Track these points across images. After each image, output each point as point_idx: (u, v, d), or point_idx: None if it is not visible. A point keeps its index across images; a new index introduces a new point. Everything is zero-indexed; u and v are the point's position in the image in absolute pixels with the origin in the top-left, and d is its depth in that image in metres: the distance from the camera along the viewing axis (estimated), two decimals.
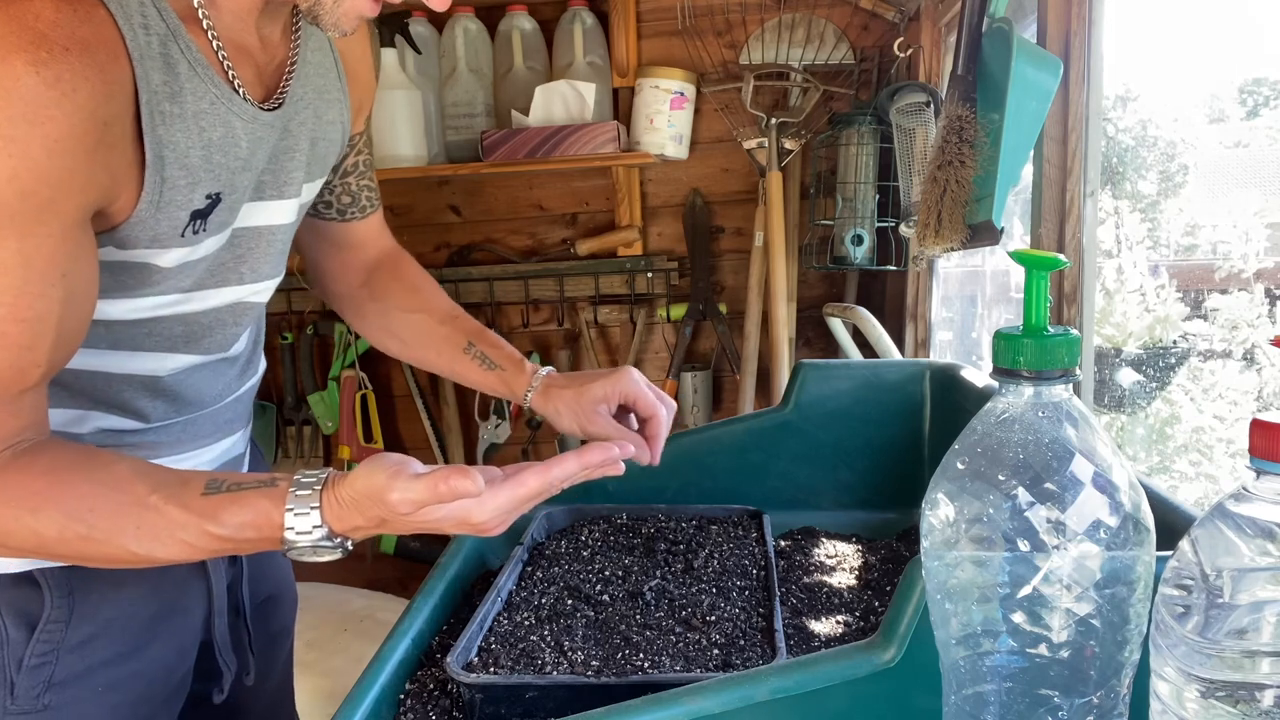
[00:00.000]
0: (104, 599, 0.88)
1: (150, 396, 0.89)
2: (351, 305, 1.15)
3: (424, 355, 1.13)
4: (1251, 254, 4.12)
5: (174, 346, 0.88)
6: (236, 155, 0.81)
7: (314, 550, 0.73)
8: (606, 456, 0.77)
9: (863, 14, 2.21)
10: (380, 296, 1.13)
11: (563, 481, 0.75)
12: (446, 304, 1.13)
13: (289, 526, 0.71)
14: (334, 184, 1.07)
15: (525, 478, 0.73)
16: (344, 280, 1.14)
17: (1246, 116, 7.78)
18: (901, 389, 1.24)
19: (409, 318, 1.11)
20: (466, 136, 2.21)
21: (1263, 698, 0.44)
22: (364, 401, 2.43)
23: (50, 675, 0.85)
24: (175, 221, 0.78)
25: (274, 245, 0.92)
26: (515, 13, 2.22)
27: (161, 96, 0.74)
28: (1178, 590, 0.46)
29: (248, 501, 0.71)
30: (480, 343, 1.08)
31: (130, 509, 0.70)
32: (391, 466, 0.71)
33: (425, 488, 0.69)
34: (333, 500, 0.72)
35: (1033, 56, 1.14)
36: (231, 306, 0.91)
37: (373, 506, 0.71)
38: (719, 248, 2.38)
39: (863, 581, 0.99)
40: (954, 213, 1.19)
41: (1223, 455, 3.39)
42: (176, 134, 0.75)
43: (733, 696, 0.63)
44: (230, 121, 0.79)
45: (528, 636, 0.83)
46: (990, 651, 0.52)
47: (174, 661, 0.95)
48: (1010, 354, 0.50)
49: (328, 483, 0.72)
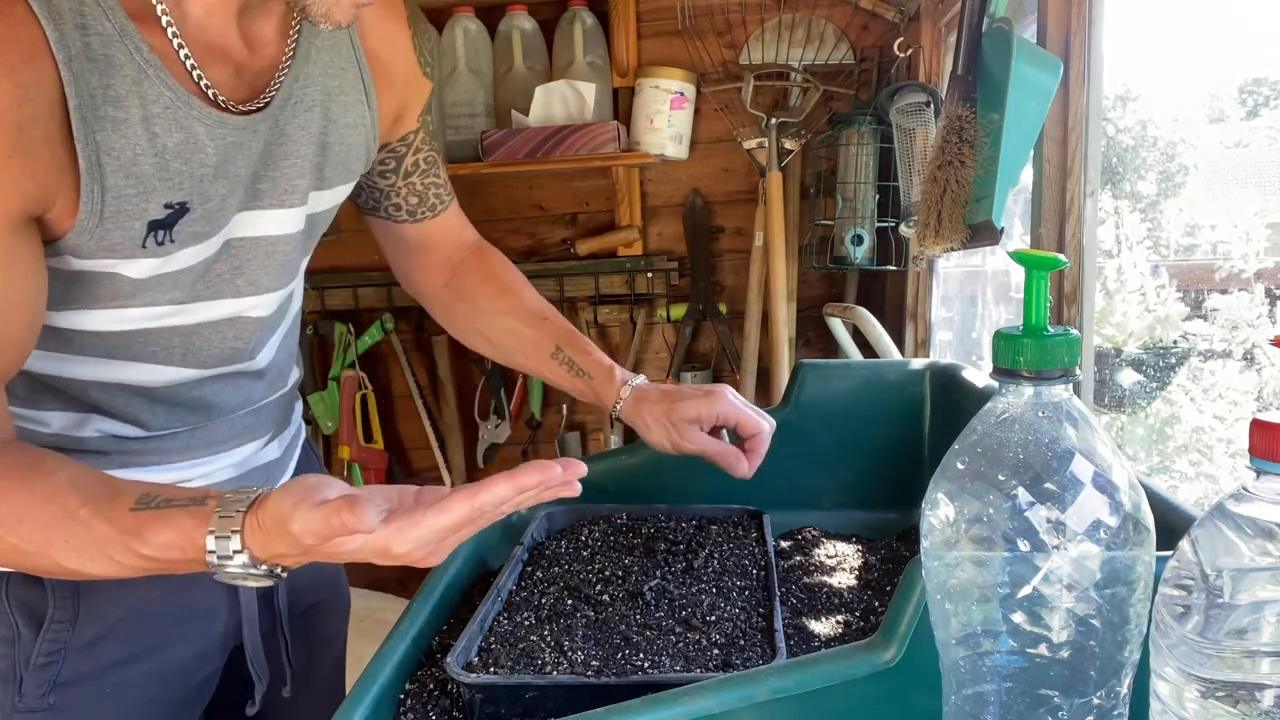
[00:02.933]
0: (113, 599, 0.87)
1: (149, 404, 0.87)
2: (438, 305, 1.13)
3: (513, 358, 1.11)
4: (1251, 254, 4.12)
5: (170, 358, 0.86)
6: (202, 162, 0.76)
7: (244, 575, 0.68)
8: (544, 477, 0.67)
9: (863, 14, 2.21)
10: (467, 297, 1.10)
11: (496, 506, 0.66)
12: (537, 304, 1.10)
13: (211, 550, 0.67)
14: (398, 186, 1.04)
15: (450, 504, 0.65)
16: (428, 280, 1.12)
17: (1246, 116, 7.78)
18: (901, 389, 1.24)
19: (497, 321, 1.09)
20: (466, 136, 2.21)
21: (1263, 698, 0.44)
22: (364, 401, 2.43)
23: (56, 675, 0.85)
24: (130, 232, 0.74)
25: (275, 257, 0.88)
26: (515, 13, 2.22)
27: (100, 100, 0.70)
28: (1178, 590, 0.46)
29: (172, 521, 0.67)
30: (569, 348, 1.06)
31: (61, 522, 0.67)
32: (299, 493, 0.65)
33: (321, 519, 0.63)
34: (255, 525, 0.66)
35: (1033, 56, 1.14)
36: (230, 320, 0.88)
37: (287, 536, 0.65)
38: (719, 248, 2.38)
39: (863, 581, 0.99)
40: (954, 213, 1.19)
41: (1223, 455, 3.38)
42: (119, 140, 0.71)
43: (733, 696, 0.63)
44: (189, 126, 0.75)
45: (528, 636, 0.83)
46: (990, 651, 0.52)
47: (193, 665, 0.94)
48: (1010, 354, 0.50)
49: (254, 505, 0.67)
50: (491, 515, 0.67)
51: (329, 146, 0.89)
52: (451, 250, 1.11)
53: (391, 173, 1.03)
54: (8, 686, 0.84)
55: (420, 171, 1.05)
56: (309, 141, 0.86)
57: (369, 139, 0.94)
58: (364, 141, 0.93)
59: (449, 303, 1.11)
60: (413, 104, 1.01)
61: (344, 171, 0.93)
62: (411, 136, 1.03)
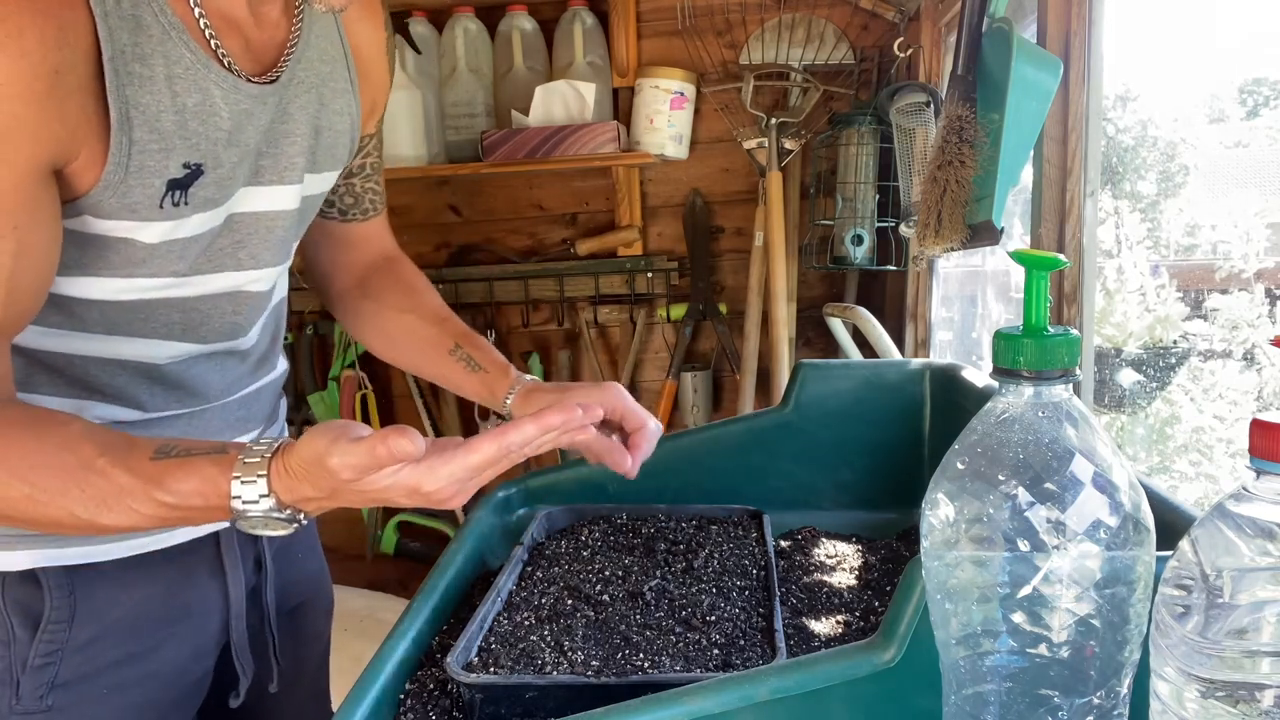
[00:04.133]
0: (111, 600, 0.87)
1: (148, 384, 0.87)
2: (346, 304, 1.13)
3: (410, 357, 1.10)
4: (1252, 254, 4.12)
5: (170, 333, 0.87)
6: (217, 125, 0.79)
7: (265, 522, 0.69)
8: (568, 418, 0.69)
9: (863, 14, 2.21)
10: (374, 295, 1.11)
11: (521, 447, 0.69)
12: (438, 306, 1.11)
13: (235, 495, 0.68)
14: (339, 184, 1.06)
15: (479, 443, 0.68)
16: (340, 279, 1.13)
17: (1246, 116, 7.77)
18: (901, 389, 1.24)
19: (400, 318, 1.09)
20: (466, 136, 2.21)
21: (1263, 698, 0.44)
22: (364, 401, 2.43)
23: (54, 676, 0.85)
24: (150, 190, 0.76)
25: (275, 232, 0.91)
26: (515, 13, 2.22)
27: (130, 57, 0.72)
28: (1178, 590, 0.46)
29: (195, 468, 0.68)
30: (466, 345, 1.05)
31: (76, 471, 0.67)
32: (333, 431, 0.67)
33: (364, 451, 0.64)
34: (281, 469, 0.68)
35: (1033, 56, 1.14)
36: (231, 294, 0.90)
37: (319, 475, 0.67)
38: (719, 248, 2.38)
39: (863, 581, 0.99)
40: (954, 213, 1.19)
41: (1223, 455, 3.39)
42: (146, 96, 0.73)
43: (733, 696, 0.63)
44: (207, 89, 0.77)
45: (528, 636, 0.83)
46: (990, 651, 0.52)
47: (188, 664, 0.94)
48: (1010, 354, 0.50)
49: (278, 451, 0.69)
50: (517, 455, 0.70)
51: (321, 130, 0.91)
52: (371, 254, 1.13)
53: None
54: (5, 688, 0.84)
55: (364, 175, 1.07)
56: (306, 122, 0.89)
57: (353, 129, 0.96)
58: (349, 130, 0.96)
59: (356, 300, 1.12)
60: (380, 106, 1.04)
61: (332, 158, 0.95)
62: (367, 140, 1.05)
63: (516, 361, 2.42)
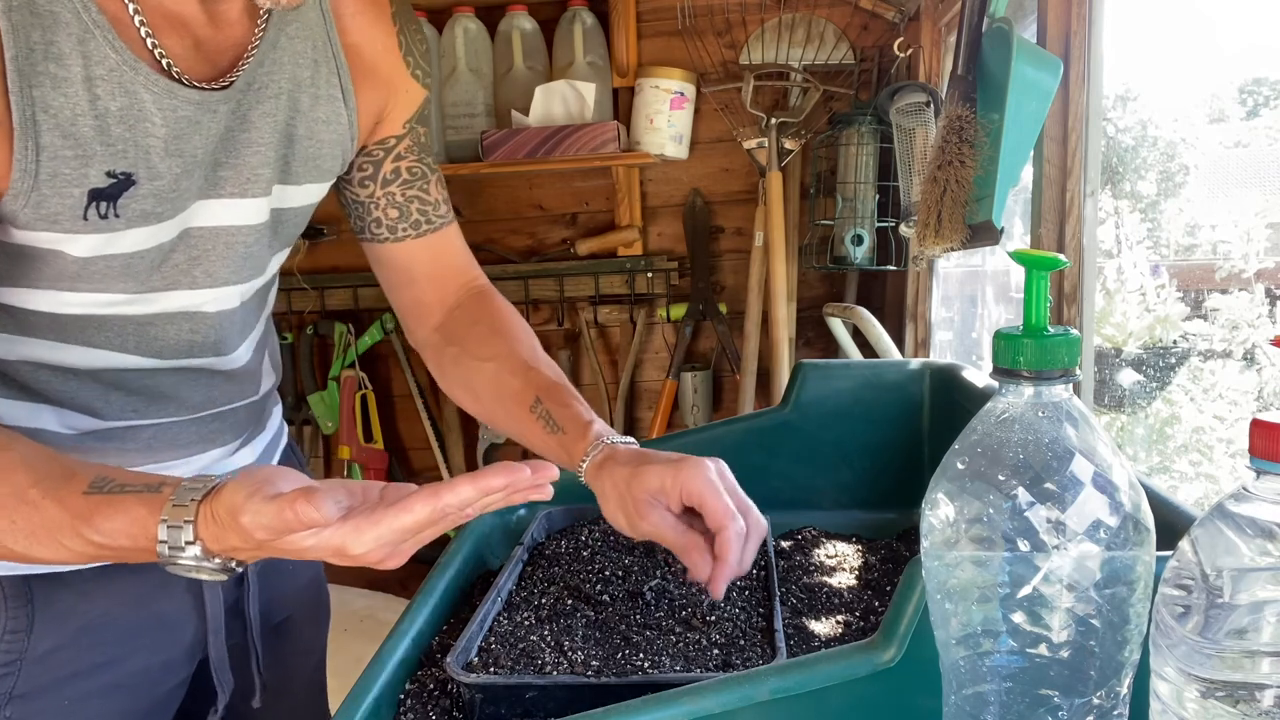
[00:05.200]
0: (71, 610, 0.84)
1: (103, 390, 0.83)
2: (430, 350, 1.00)
3: (494, 413, 0.96)
4: (1252, 254, 4.12)
5: (126, 347, 0.82)
6: (148, 132, 0.73)
7: (196, 569, 0.65)
8: (511, 480, 0.63)
9: (863, 14, 2.21)
10: (457, 340, 0.98)
11: (459, 509, 0.63)
12: (528, 351, 0.96)
13: (162, 540, 0.64)
14: (376, 196, 0.95)
15: (411, 503, 0.62)
16: (421, 321, 1.00)
17: (1246, 116, 7.77)
18: (901, 389, 1.24)
19: (482, 367, 0.95)
20: (466, 136, 2.21)
21: (1263, 698, 0.44)
22: (364, 401, 2.43)
23: (12, 688, 0.81)
24: (69, 200, 0.71)
25: (235, 248, 0.84)
26: (515, 13, 2.22)
27: (40, 56, 0.67)
28: (1178, 590, 0.46)
29: (124, 507, 0.64)
30: (548, 400, 0.90)
31: (7, 501, 0.64)
32: (253, 484, 0.62)
33: (273, 513, 0.60)
34: (209, 516, 0.63)
35: (1033, 56, 1.14)
36: (186, 314, 0.84)
37: (239, 529, 0.62)
38: (719, 248, 2.38)
39: (863, 581, 0.99)
40: (954, 213, 1.19)
41: (1223, 455, 3.38)
42: (58, 98, 0.68)
43: (733, 696, 0.63)
44: (135, 92, 0.71)
45: (528, 636, 0.83)
46: (990, 651, 0.52)
47: (158, 675, 0.91)
48: (1010, 354, 0.50)
49: (209, 495, 0.64)
50: (455, 518, 0.64)
51: (296, 139, 0.85)
52: (447, 286, 1.01)
53: (370, 180, 0.96)
54: None
55: (402, 181, 0.96)
56: (273, 130, 0.82)
57: (345, 138, 0.89)
58: (339, 140, 0.89)
59: (439, 346, 1.00)
60: (397, 107, 0.95)
61: (314, 169, 0.88)
62: (393, 141, 0.96)
63: None
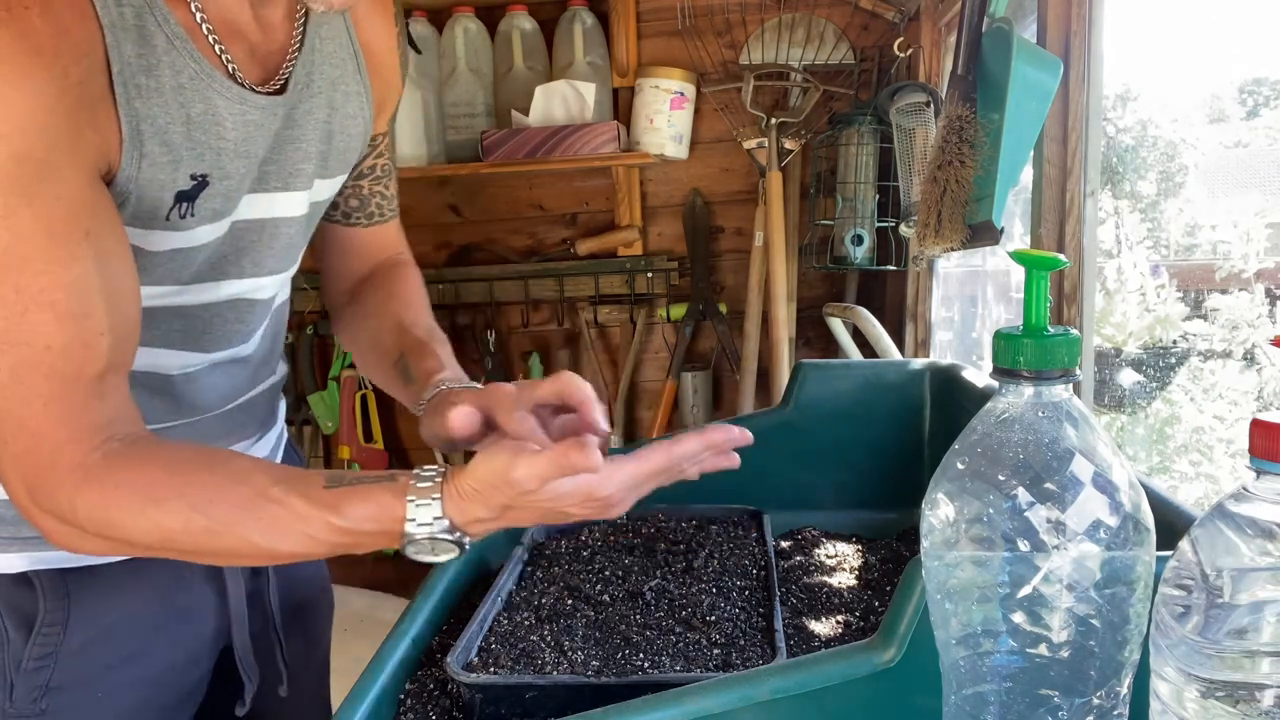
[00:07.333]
0: (105, 603, 0.87)
1: (147, 395, 0.85)
2: (335, 309, 1.08)
3: (367, 363, 1.02)
4: (1252, 254, 4.12)
5: (170, 341, 0.86)
6: (221, 135, 0.78)
7: (432, 547, 0.70)
8: (727, 436, 0.72)
9: (863, 14, 2.21)
10: (356, 300, 1.05)
11: (687, 460, 0.71)
12: (411, 316, 0.99)
13: (410, 518, 0.69)
14: (345, 186, 1.01)
15: (649, 453, 0.70)
16: (336, 286, 1.07)
17: (1246, 116, 7.77)
18: (901, 389, 1.24)
19: (366, 323, 1.02)
20: (466, 136, 2.21)
21: (1263, 698, 0.44)
22: (364, 401, 2.43)
23: (48, 679, 0.84)
24: (157, 203, 0.75)
25: (279, 239, 0.89)
26: (515, 13, 2.22)
27: (136, 69, 0.71)
28: (1178, 590, 0.46)
29: (370, 494, 0.70)
30: (410, 355, 0.93)
31: (253, 501, 0.69)
32: (508, 450, 0.68)
33: (548, 463, 0.65)
34: (453, 492, 0.69)
35: (1033, 56, 1.14)
36: (232, 302, 0.88)
37: (495, 492, 0.68)
38: (719, 248, 2.38)
39: (863, 581, 0.99)
40: (954, 213, 1.20)
41: (1223, 455, 3.38)
42: (155, 108, 0.73)
43: (733, 696, 0.63)
44: (210, 99, 0.76)
45: (528, 636, 0.83)
46: (990, 651, 0.52)
47: (183, 667, 0.94)
48: (1010, 354, 0.50)
49: (448, 476, 0.70)
50: (679, 469, 0.72)
51: (333, 135, 0.89)
52: (372, 263, 1.07)
53: None
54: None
55: (372, 177, 1.03)
56: (316, 128, 0.87)
57: (365, 131, 0.94)
58: (363, 134, 0.94)
59: (343, 306, 1.06)
60: (390, 105, 1.00)
61: (343, 162, 0.93)
62: (379, 139, 1.01)
63: (517, 362, 2.44)
